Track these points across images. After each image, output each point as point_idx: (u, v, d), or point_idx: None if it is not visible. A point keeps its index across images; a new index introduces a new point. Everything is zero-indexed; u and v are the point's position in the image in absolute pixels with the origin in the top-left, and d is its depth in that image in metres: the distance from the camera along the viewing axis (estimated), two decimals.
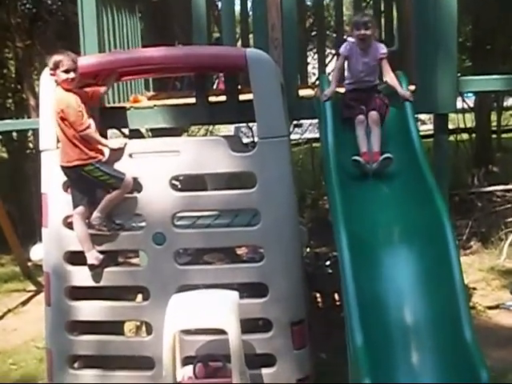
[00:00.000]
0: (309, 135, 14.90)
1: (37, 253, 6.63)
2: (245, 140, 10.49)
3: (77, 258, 5.69)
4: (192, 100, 6.58)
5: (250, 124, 10.17)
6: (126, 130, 7.56)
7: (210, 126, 13.80)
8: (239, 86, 6.56)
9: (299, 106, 6.54)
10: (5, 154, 14.75)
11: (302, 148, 14.82)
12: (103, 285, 5.72)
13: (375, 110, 5.75)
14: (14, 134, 13.66)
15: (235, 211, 6.13)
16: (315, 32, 10.76)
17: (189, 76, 7.93)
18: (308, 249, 9.50)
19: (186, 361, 5.41)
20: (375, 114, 5.72)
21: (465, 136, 14.70)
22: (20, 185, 12.10)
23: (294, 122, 10.67)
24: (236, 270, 5.77)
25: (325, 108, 5.77)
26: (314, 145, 14.34)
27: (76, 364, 5.88)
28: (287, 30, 6.53)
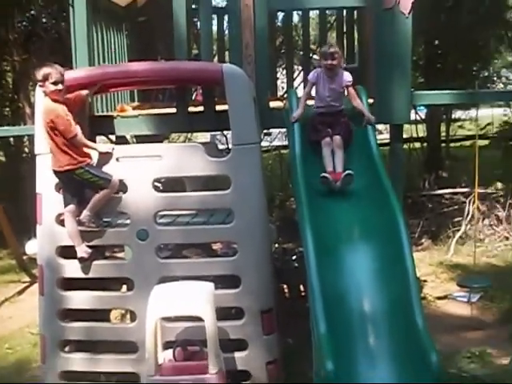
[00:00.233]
0: (277, 143, 14.88)
1: (31, 247, 6.56)
2: (220, 146, 10.43)
3: (68, 252, 5.67)
4: (173, 110, 6.57)
5: (225, 132, 10.13)
6: (112, 137, 7.53)
7: (189, 134, 13.74)
8: (215, 97, 6.56)
9: (270, 116, 6.54)
10: (2, 158, 14.61)
11: (271, 154, 14.80)
12: (91, 276, 5.70)
13: (339, 135, 5.70)
14: (11, 139, 13.54)
15: (211, 210, 6.11)
16: (284, 50, 10.75)
17: (170, 88, 7.89)
18: (276, 245, 9.48)
19: (167, 345, 5.40)
20: (339, 139, 5.68)
21: (417, 144, 14.78)
22: (16, 186, 11.99)
23: (264, 131, 10.65)
24: (212, 264, 5.79)
25: (293, 128, 5.76)
26: (282, 151, 14.34)
27: (67, 348, 5.86)
28: (259, 48, 6.54)
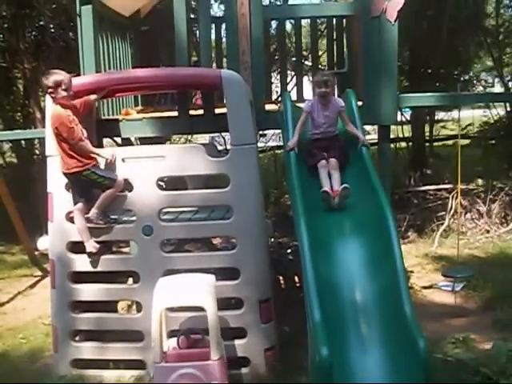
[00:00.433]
0: (272, 143, 14.87)
1: (43, 243, 6.55)
2: (219, 147, 10.42)
3: (77, 247, 5.66)
4: (175, 113, 6.59)
5: (224, 133, 10.11)
6: (118, 139, 7.52)
7: (189, 136, 13.72)
8: (214, 101, 6.55)
9: (265, 118, 6.57)
10: (14, 160, 14.57)
11: (267, 154, 14.79)
12: (100, 270, 5.70)
13: (335, 158, 5.62)
14: (23, 142, 13.52)
15: (211, 207, 6.10)
16: (278, 56, 10.74)
17: (172, 93, 7.89)
18: (272, 239, 9.48)
19: (171, 334, 5.39)
20: (334, 161, 5.59)
21: (403, 144, 14.72)
22: (28, 185, 11.95)
23: (260, 132, 10.63)
24: (212, 257, 5.79)
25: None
26: (276, 152, 14.33)
27: (77, 337, 5.85)
28: (255, 55, 6.56)
